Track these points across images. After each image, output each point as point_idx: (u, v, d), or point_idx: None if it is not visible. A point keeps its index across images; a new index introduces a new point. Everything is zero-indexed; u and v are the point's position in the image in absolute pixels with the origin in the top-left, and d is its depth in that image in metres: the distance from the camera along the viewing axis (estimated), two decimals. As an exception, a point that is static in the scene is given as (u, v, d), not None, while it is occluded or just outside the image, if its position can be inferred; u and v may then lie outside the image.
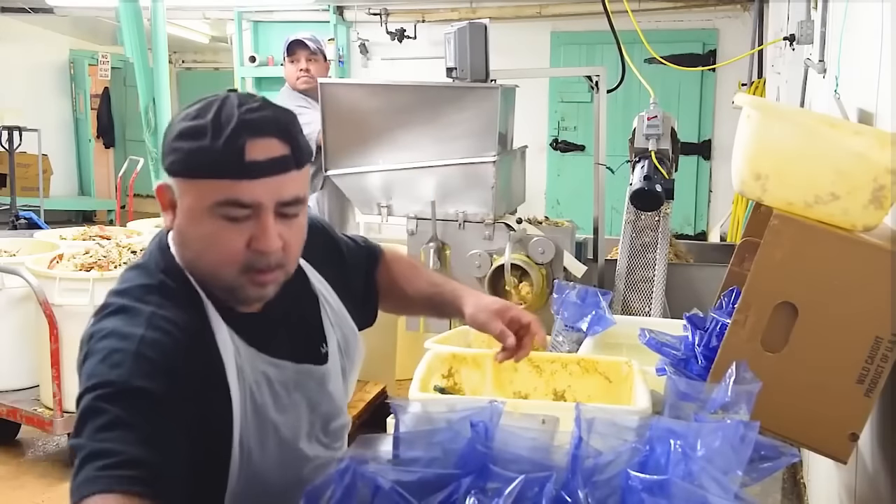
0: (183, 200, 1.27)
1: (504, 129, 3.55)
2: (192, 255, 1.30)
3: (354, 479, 1.13)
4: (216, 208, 1.23)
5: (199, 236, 1.27)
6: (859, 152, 1.54)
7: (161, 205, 1.32)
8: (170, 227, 1.33)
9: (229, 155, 1.21)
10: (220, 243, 1.25)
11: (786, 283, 1.59)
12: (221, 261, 1.27)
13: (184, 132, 1.25)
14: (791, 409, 1.61)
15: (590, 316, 2.39)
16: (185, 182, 1.26)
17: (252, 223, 1.25)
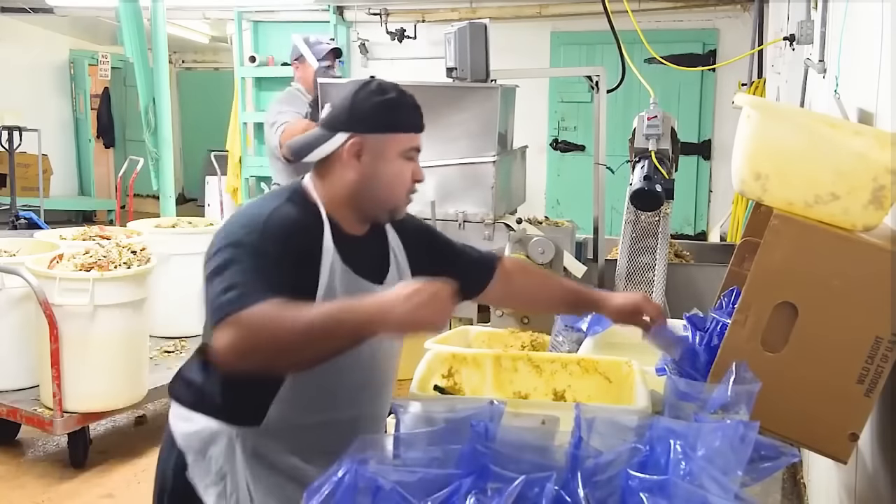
0: (383, 149, 1.78)
1: (504, 129, 3.55)
2: (379, 186, 1.79)
3: (355, 479, 1.13)
4: (405, 152, 1.80)
5: (394, 171, 1.80)
6: (859, 152, 1.54)
7: (350, 154, 1.78)
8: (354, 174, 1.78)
9: (416, 118, 1.82)
10: (406, 176, 1.81)
11: (786, 283, 1.59)
12: (403, 187, 1.82)
13: (383, 104, 1.77)
14: (791, 409, 1.61)
15: (590, 316, 2.39)
16: (388, 137, 1.78)
17: (414, 162, 1.83)
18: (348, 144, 1.77)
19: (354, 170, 1.79)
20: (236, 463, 1.77)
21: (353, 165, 1.78)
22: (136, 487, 3.98)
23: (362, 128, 1.77)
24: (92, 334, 3.93)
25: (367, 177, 1.79)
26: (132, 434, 4.59)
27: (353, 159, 1.78)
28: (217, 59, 12.26)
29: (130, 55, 6.44)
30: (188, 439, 1.81)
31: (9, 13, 10.09)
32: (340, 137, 1.77)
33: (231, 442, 1.77)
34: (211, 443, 1.78)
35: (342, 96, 1.81)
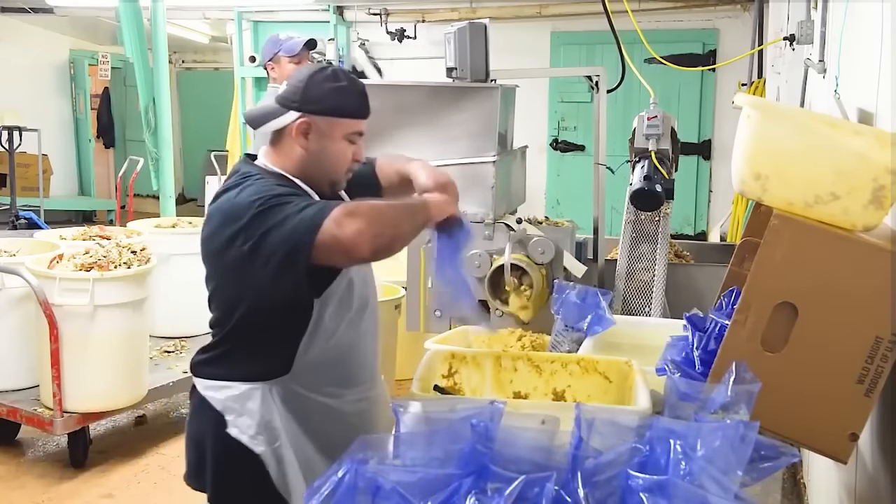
0: (328, 131, 1.98)
1: (504, 129, 3.55)
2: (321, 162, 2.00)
3: (355, 479, 1.13)
4: (348, 136, 2.00)
5: (335, 151, 2.00)
6: (859, 152, 1.54)
7: (297, 132, 1.96)
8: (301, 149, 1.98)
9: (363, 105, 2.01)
10: (347, 156, 2.02)
11: (786, 283, 1.59)
12: (343, 166, 2.03)
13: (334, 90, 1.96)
14: (791, 409, 1.61)
15: (590, 316, 2.39)
16: (334, 120, 1.98)
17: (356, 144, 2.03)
18: (297, 123, 1.97)
19: (301, 146, 1.99)
20: (274, 410, 1.98)
21: (300, 142, 1.99)
22: (136, 487, 3.98)
23: (312, 109, 1.97)
24: (92, 334, 3.93)
25: (312, 153, 2.00)
26: (132, 434, 4.60)
27: (300, 137, 1.98)
28: (217, 59, 12.26)
29: (130, 55, 6.44)
30: (225, 403, 2.00)
31: (9, 13, 10.09)
32: (292, 115, 1.96)
33: (266, 394, 1.98)
34: (248, 399, 1.98)
35: (299, 78, 1.99)
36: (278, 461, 1.98)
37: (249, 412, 1.98)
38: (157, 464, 4.21)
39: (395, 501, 1.11)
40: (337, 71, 2.01)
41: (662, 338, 1.95)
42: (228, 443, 1.98)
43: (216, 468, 2.02)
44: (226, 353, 2.05)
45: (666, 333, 1.98)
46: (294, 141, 1.99)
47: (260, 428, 1.97)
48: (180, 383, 4.55)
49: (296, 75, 2.01)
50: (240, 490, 2.01)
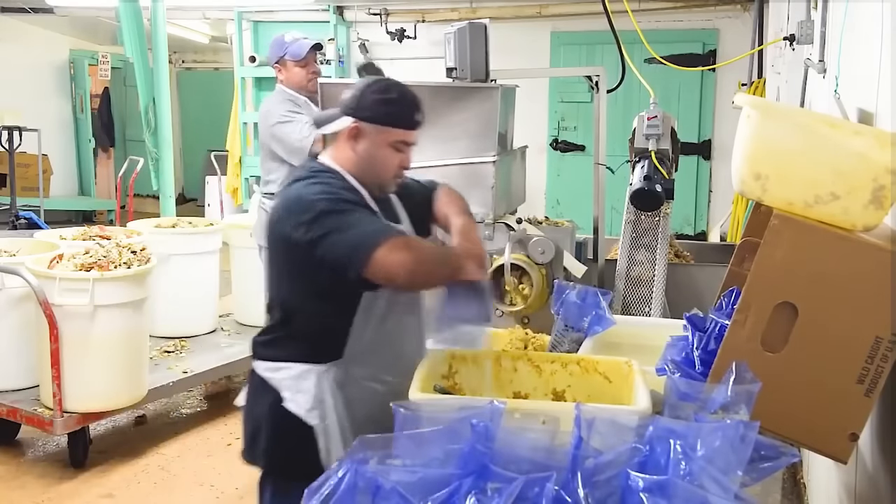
0: (374, 138, 2.15)
1: (504, 129, 3.55)
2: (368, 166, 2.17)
3: (355, 479, 1.13)
4: (395, 146, 2.16)
5: (380, 157, 2.16)
6: (859, 152, 1.54)
7: (349, 136, 2.15)
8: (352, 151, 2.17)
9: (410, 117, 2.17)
10: (393, 163, 2.18)
11: (786, 283, 1.59)
12: (389, 172, 2.19)
13: (383, 101, 2.14)
14: (791, 409, 1.61)
15: (590, 316, 2.39)
16: (381, 128, 2.14)
17: (404, 153, 2.19)
18: (349, 128, 2.15)
19: (352, 149, 2.17)
20: (326, 390, 2.14)
21: (351, 145, 2.17)
22: (136, 487, 3.98)
23: (363, 116, 2.14)
24: (92, 334, 3.93)
25: (360, 156, 2.17)
26: (132, 434, 4.59)
27: (351, 140, 2.16)
28: (217, 59, 12.25)
29: (130, 55, 6.44)
30: (282, 381, 2.17)
31: (9, 13, 10.09)
32: (346, 120, 2.14)
33: (320, 375, 2.14)
34: (303, 380, 2.15)
35: (357, 87, 2.19)
36: (326, 436, 2.15)
37: (305, 390, 2.15)
38: (157, 464, 4.21)
39: (395, 501, 1.11)
40: (391, 84, 2.20)
41: (662, 338, 1.95)
42: (285, 417, 2.15)
43: (271, 442, 2.18)
44: (283, 336, 2.21)
45: (666, 333, 1.98)
46: (346, 144, 2.17)
47: (315, 403, 2.14)
48: (180, 383, 4.55)
49: (356, 84, 2.21)
50: (292, 462, 2.17)
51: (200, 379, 4.76)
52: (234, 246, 5.44)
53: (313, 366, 2.15)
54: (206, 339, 5.18)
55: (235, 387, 5.25)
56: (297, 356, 2.16)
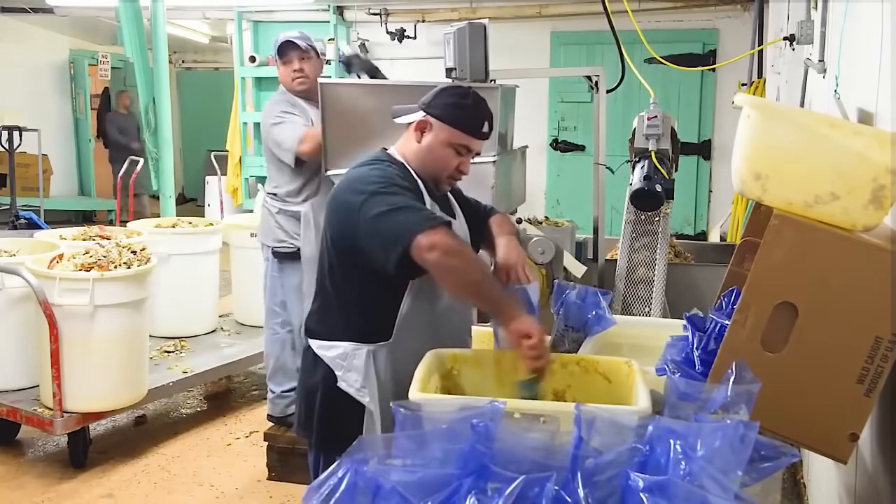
0: (438, 134, 2.26)
1: (504, 129, 3.55)
2: (427, 159, 2.28)
3: (355, 479, 1.13)
4: (456, 147, 2.27)
5: (440, 154, 2.28)
6: (859, 152, 1.54)
7: (416, 127, 2.28)
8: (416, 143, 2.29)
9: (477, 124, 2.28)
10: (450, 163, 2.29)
11: (786, 283, 1.59)
12: (445, 171, 2.30)
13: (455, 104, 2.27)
14: (791, 409, 1.61)
15: (590, 316, 2.39)
16: (446, 126, 2.26)
17: (463, 157, 2.29)
18: (418, 120, 2.28)
19: (416, 140, 2.30)
20: (373, 370, 2.24)
21: (416, 136, 2.30)
22: (136, 487, 3.98)
23: (432, 112, 2.27)
24: (92, 334, 3.93)
25: (422, 149, 2.29)
26: (132, 434, 4.59)
27: (417, 132, 2.29)
28: (217, 59, 12.26)
29: (130, 55, 6.44)
30: (334, 360, 2.27)
31: (9, 13, 10.09)
32: (418, 114, 2.28)
33: (369, 354, 2.24)
34: (354, 358, 2.25)
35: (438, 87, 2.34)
36: (371, 415, 2.25)
37: (356, 368, 2.25)
38: (157, 464, 4.21)
39: (395, 501, 1.11)
40: (471, 92, 2.33)
41: (662, 338, 1.95)
42: (337, 394, 2.25)
43: (323, 415, 2.29)
44: (334, 315, 2.30)
45: (666, 333, 1.98)
46: (413, 134, 2.30)
47: (364, 381, 2.24)
48: (180, 383, 4.55)
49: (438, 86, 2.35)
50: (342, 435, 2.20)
51: (200, 379, 4.76)
52: (234, 246, 5.44)
53: (363, 345, 2.24)
54: (206, 339, 5.17)
55: (235, 387, 5.25)
56: (348, 335, 2.26)
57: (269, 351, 4.23)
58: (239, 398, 5.09)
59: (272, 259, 4.09)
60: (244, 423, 4.71)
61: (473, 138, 2.28)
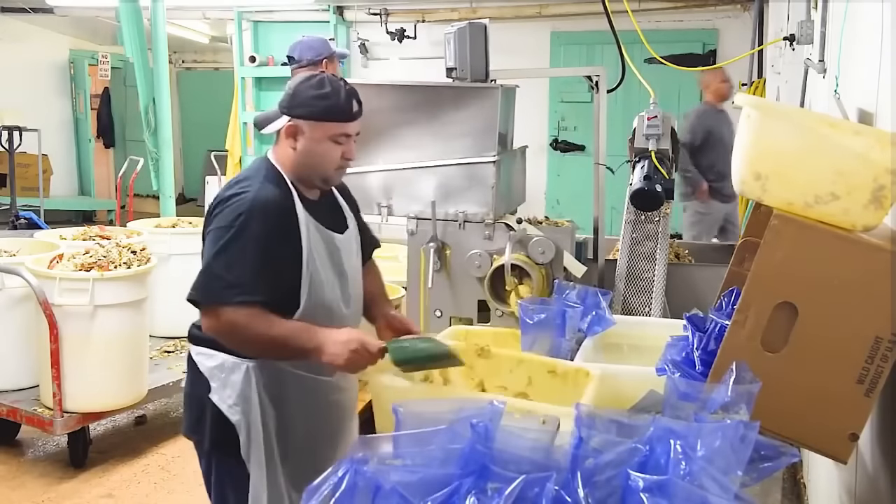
0: (312, 133, 2.18)
1: (504, 129, 3.55)
2: (309, 161, 2.21)
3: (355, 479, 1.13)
4: (334, 139, 2.19)
5: (320, 151, 2.20)
6: (859, 152, 1.54)
7: (287, 134, 2.20)
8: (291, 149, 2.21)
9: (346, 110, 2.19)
10: (334, 156, 2.21)
11: (786, 283, 1.59)
12: (331, 165, 2.22)
13: (316, 96, 2.17)
14: (791, 409, 1.61)
15: (590, 316, 2.39)
16: (317, 124, 2.18)
17: (344, 145, 2.21)
18: (286, 126, 2.20)
19: (291, 147, 2.22)
20: (253, 385, 2.20)
21: (290, 143, 2.22)
22: (136, 487, 3.98)
23: (298, 114, 2.19)
24: (92, 334, 3.93)
25: (300, 153, 2.21)
26: (132, 434, 4.59)
27: (290, 138, 2.21)
28: (217, 59, 12.25)
29: (130, 55, 6.44)
30: (212, 371, 2.24)
31: (9, 13, 10.09)
32: (283, 119, 2.20)
33: (248, 370, 2.20)
34: (231, 372, 2.21)
35: (290, 85, 2.23)
36: (248, 431, 2.21)
37: (232, 384, 2.21)
38: (157, 464, 4.21)
39: (395, 501, 1.11)
40: (323, 79, 2.21)
41: (662, 338, 1.95)
42: (211, 406, 2.23)
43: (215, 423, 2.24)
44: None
45: (666, 333, 1.98)
46: (285, 142, 2.22)
47: (238, 399, 2.21)
48: (180, 383, 4.53)
49: (289, 83, 2.24)
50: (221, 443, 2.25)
51: (200, 379, 4.76)
52: (234, 246, 5.44)
53: (242, 360, 2.20)
54: (205, 339, 5.17)
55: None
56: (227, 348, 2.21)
57: None
58: (239, 398, 5.09)
59: None
60: (244, 423, 4.71)
61: (348, 123, 2.21)
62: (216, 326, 2.11)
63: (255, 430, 2.21)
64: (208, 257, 2.13)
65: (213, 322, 2.11)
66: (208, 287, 2.12)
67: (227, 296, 2.08)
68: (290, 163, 2.23)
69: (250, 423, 2.21)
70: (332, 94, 2.18)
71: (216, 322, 2.11)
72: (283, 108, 2.21)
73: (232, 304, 2.08)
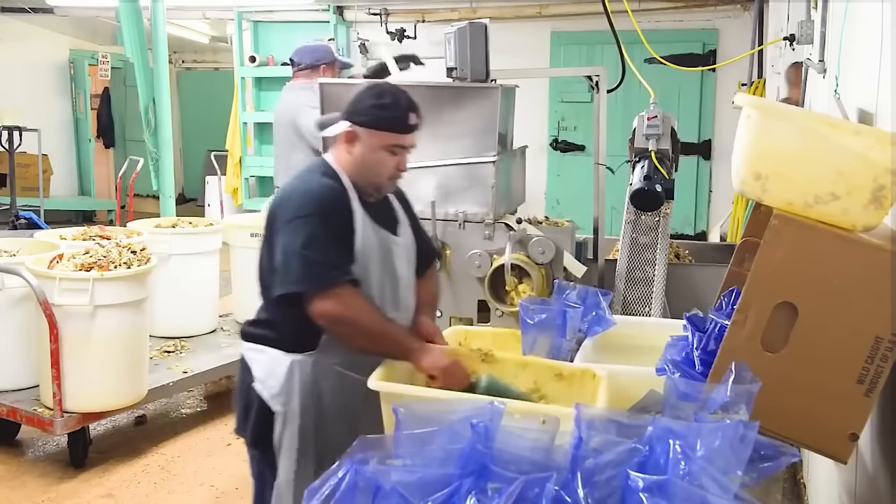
0: (368, 141, 2.25)
1: (504, 129, 3.55)
2: (363, 168, 2.27)
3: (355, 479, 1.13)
4: (389, 149, 2.26)
5: (374, 159, 2.26)
6: (859, 152, 1.54)
7: (345, 139, 2.27)
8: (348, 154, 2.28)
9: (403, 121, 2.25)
10: (388, 165, 2.28)
11: (786, 283, 1.59)
12: (384, 174, 2.29)
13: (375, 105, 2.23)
14: (791, 409, 1.61)
15: (590, 316, 2.39)
16: (373, 132, 2.24)
17: (399, 156, 2.28)
18: (345, 131, 2.26)
19: (348, 152, 2.28)
20: (296, 379, 2.26)
21: (347, 148, 2.28)
22: (136, 487, 3.98)
23: (357, 121, 2.25)
24: (92, 334, 3.93)
25: (355, 159, 2.28)
26: (132, 434, 4.59)
27: (347, 143, 2.28)
28: (217, 59, 12.25)
29: (130, 55, 6.43)
30: (258, 364, 2.32)
31: (9, 13, 10.09)
32: (343, 125, 2.26)
33: (292, 365, 2.26)
34: (277, 365, 2.28)
35: (354, 92, 2.29)
36: (284, 423, 2.28)
37: (276, 376, 2.28)
38: (157, 464, 4.21)
39: (395, 501, 1.11)
40: (385, 88, 2.30)
41: (662, 338, 1.95)
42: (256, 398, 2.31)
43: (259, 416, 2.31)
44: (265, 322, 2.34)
45: (666, 333, 1.98)
46: (343, 147, 2.29)
47: (281, 390, 2.27)
48: (180, 383, 4.55)
49: (355, 89, 2.31)
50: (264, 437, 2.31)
51: (200, 379, 4.76)
52: (234, 246, 5.44)
53: (289, 354, 2.27)
54: (206, 339, 5.17)
55: (235, 387, 5.25)
56: (275, 343, 2.29)
57: None
58: (239, 398, 5.09)
59: None
60: (244, 423, 4.71)
61: (404, 135, 2.27)
62: (335, 309, 2.12)
63: (293, 421, 2.27)
64: (297, 246, 2.13)
65: (330, 305, 2.11)
66: (315, 273, 2.12)
67: (336, 276, 2.12)
68: (346, 167, 2.29)
69: (288, 413, 2.27)
70: (392, 105, 2.24)
71: (335, 303, 2.11)
72: (345, 114, 2.27)
73: (342, 283, 2.12)
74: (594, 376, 1.97)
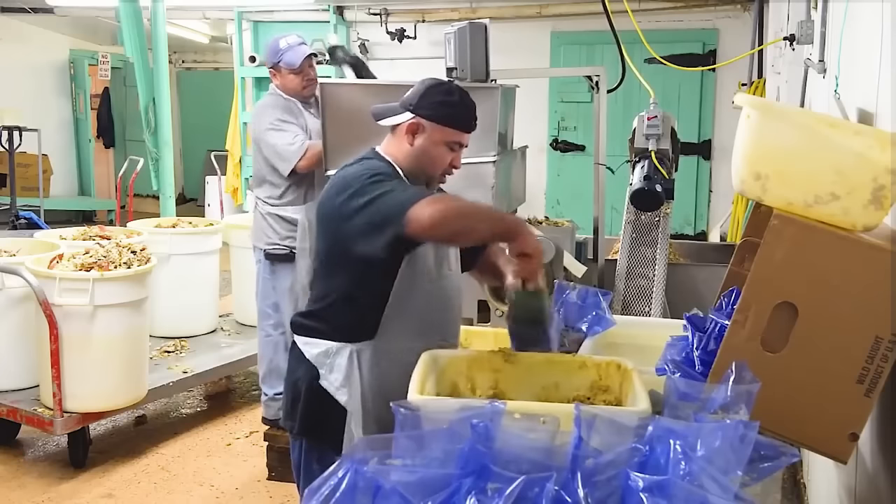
0: (432, 135, 2.28)
1: (504, 129, 3.55)
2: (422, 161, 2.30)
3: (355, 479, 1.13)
4: (449, 144, 2.31)
5: (434, 154, 2.30)
6: (859, 152, 1.54)
7: (407, 130, 2.29)
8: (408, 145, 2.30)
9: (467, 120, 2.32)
10: (444, 161, 2.32)
11: (786, 283, 1.59)
12: (439, 169, 2.34)
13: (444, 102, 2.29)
14: (791, 409, 1.61)
15: (590, 316, 2.39)
16: (439, 127, 2.28)
17: (456, 153, 2.33)
18: (408, 122, 2.28)
19: (409, 143, 2.30)
20: (355, 368, 2.27)
21: (408, 139, 2.30)
22: (136, 487, 3.98)
23: (423, 114, 2.28)
24: (92, 334, 3.93)
25: (415, 151, 2.30)
26: (132, 434, 4.60)
27: (409, 135, 2.30)
28: (217, 59, 12.26)
29: (130, 55, 6.44)
30: (318, 357, 2.30)
31: (9, 13, 10.09)
32: (406, 115, 2.28)
33: (352, 354, 2.27)
34: (337, 356, 2.28)
35: (422, 84, 2.33)
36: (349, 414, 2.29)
37: (338, 367, 2.28)
38: (157, 464, 4.21)
39: (395, 501, 1.11)
40: (453, 87, 2.35)
41: (662, 338, 1.95)
42: (319, 392, 2.30)
43: (307, 407, 2.33)
44: (320, 314, 2.34)
45: (666, 333, 1.98)
46: (404, 137, 2.30)
47: (344, 381, 2.28)
48: (180, 383, 4.55)
49: (420, 82, 2.33)
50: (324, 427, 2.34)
51: (200, 379, 4.76)
52: (234, 246, 5.44)
53: (347, 344, 2.27)
54: (206, 339, 5.18)
55: (235, 387, 5.25)
56: (332, 334, 2.29)
57: (263, 353, 4.22)
58: (239, 398, 5.09)
59: (264, 261, 4.09)
60: (244, 423, 4.71)
61: (465, 133, 2.33)
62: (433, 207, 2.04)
63: (356, 410, 2.28)
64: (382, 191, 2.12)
65: (427, 208, 2.04)
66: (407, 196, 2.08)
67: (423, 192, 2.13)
68: (402, 157, 2.31)
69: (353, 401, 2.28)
70: (459, 104, 2.31)
71: (430, 204, 2.04)
72: (409, 106, 2.29)
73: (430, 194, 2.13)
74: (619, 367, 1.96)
